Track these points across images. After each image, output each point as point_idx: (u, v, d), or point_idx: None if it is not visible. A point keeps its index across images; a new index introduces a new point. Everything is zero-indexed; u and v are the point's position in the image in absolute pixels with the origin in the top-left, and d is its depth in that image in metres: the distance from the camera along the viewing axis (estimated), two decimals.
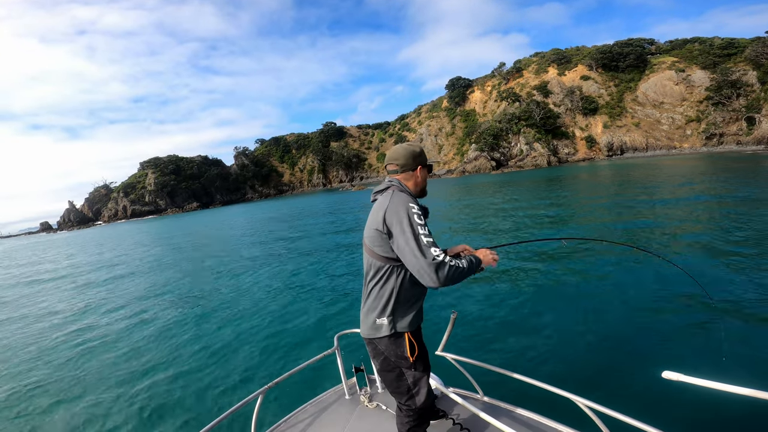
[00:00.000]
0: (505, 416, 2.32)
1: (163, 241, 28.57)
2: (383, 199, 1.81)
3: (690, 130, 55.81)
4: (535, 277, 8.24)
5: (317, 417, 2.59)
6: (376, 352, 1.92)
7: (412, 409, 1.95)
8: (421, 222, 1.69)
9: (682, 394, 3.41)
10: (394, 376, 1.92)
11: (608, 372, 4.45)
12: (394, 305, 1.81)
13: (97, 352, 7.47)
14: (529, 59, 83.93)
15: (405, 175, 1.92)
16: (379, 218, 1.74)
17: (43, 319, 10.47)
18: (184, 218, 60.18)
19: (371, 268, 1.82)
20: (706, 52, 59.91)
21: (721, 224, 10.65)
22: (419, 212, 1.71)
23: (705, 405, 3.42)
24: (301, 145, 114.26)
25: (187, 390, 5.35)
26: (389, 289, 1.79)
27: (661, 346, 4.88)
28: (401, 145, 1.97)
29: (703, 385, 1.28)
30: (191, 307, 9.65)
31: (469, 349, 5.27)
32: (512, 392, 3.08)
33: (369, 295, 1.86)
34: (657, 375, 1.50)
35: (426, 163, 1.97)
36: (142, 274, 15.50)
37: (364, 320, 1.89)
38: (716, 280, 6.77)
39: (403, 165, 1.91)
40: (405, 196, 1.78)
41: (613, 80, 67.21)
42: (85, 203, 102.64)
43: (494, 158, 65.39)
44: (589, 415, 1.90)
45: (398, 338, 1.84)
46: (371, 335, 1.87)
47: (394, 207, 1.71)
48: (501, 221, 15.80)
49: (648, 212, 13.66)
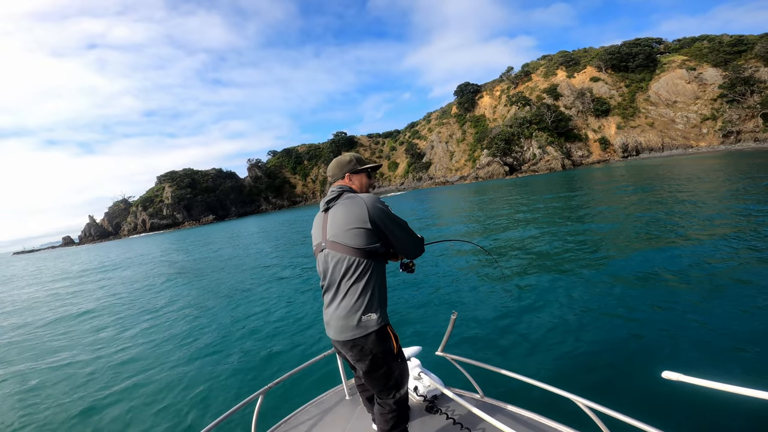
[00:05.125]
0: (505, 416, 2.33)
1: (189, 247, 29.30)
2: (349, 202, 1.91)
3: (706, 129, 55.52)
4: (534, 278, 8.22)
5: (318, 417, 2.59)
6: (362, 353, 1.86)
7: (398, 400, 2.00)
8: (393, 212, 1.97)
9: (682, 394, 3.40)
10: (382, 374, 1.91)
11: (608, 372, 4.45)
12: (379, 299, 1.87)
13: (106, 351, 7.61)
14: (537, 62, 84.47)
15: (340, 182, 2.11)
16: (360, 217, 1.84)
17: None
18: (209, 229, 60.88)
19: (345, 266, 1.83)
20: (716, 50, 59.98)
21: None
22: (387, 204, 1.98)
23: (705, 405, 3.42)
24: (312, 156, 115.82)
25: (187, 390, 5.40)
26: (372, 283, 1.84)
27: (662, 346, 4.86)
28: (336, 158, 2.20)
29: (703, 385, 1.28)
30: (194, 307, 9.95)
31: (469, 350, 5.28)
32: (512, 392, 3.03)
33: (345, 296, 1.83)
34: (657, 375, 1.49)
35: (356, 169, 2.13)
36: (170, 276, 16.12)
37: (344, 322, 1.84)
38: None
39: (333, 175, 2.14)
40: (370, 195, 1.98)
41: (623, 81, 67.35)
42: (105, 217, 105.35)
43: (507, 163, 65.57)
44: (589, 415, 1.89)
45: (384, 333, 1.87)
46: (356, 335, 1.82)
47: (373, 205, 1.87)
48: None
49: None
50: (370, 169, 2.19)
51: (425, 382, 2.56)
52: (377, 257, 1.88)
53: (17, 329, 11.04)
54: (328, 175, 2.17)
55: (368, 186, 2.17)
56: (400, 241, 1.95)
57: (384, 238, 1.90)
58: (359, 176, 2.14)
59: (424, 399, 2.53)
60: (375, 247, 1.85)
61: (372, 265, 1.85)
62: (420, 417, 2.42)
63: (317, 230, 2.01)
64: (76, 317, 11.57)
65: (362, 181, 2.15)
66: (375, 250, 1.86)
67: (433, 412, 2.45)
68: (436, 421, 2.38)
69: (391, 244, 1.95)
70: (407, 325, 6.42)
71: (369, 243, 1.84)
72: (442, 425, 2.33)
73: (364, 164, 2.18)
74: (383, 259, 1.95)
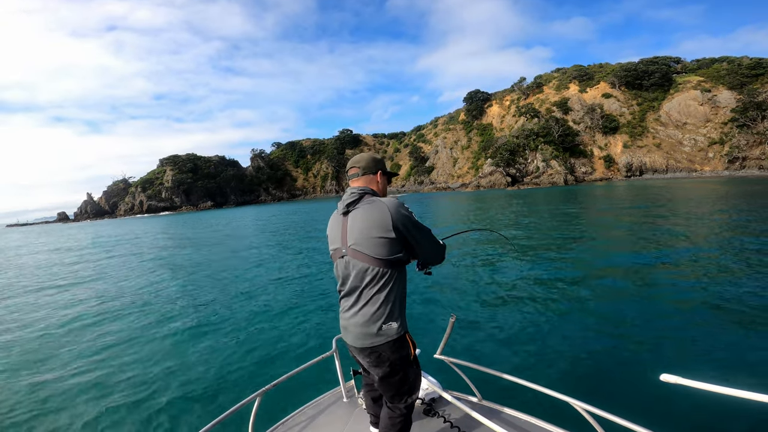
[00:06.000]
0: (503, 419, 2.32)
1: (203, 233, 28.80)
2: (371, 207, 1.81)
3: (712, 153, 54.34)
4: (533, 281, 8.23)
5: (315, 419, 2.57)
6: (379, 360, 1.85)
7: (410, 405, 1.97)
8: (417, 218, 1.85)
9: (681, 396, 3.41)
10: (398, 379, 1.89)
11: (606, 375, 4.48)
12: (399, 308, 1.83)
13: (106, 351, 7.22)
14: (550, 75, 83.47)
15: (366, 178, 1.98)
16: (383, 224, 1.74)
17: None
18: (208, 215, 60.79)
19: (368, 275, 1.78)
20: (734, 72, 58.46)
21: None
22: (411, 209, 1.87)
23: (703, 408, 3.44)
24: (316, 151, 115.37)
25: (185, 392, 5.25)
26: (394, 293, 1.80)
27: (659, 349, 4.90)
28: (364, 153, 2.11)
29: (701, 388, 1.27)
30: (191, 306, 9.49)
31: (467, 353, 5.31)
32: (510, 395, 3.03)
33: (366, 304, 1.80)
34: (655, 378, 1.49)
35: (386, 169, 2.05)
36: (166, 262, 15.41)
37: (364, 330, 1.81)
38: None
39: (365, 168, 1.98)
40: (392, 199, 1.83)
41: (636, 99, 66.14)
42: (103, 196, 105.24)
43: (510, 174, 64.66)
44: (586, 419, 1.89)
45: (402, 340, 1.85)
46: (376, 342, 1.80)
47: (397, 211, 1.76)
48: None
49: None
50: (392, 175, 2.15)
51: (423, 385, 2.53)
52: (400, 265, 1.83)
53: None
54: (356, 167, 2.01)
55: (386, 190, 2.10)
56: (424, 249, 1.88)
57: (407, 246, 1.83)
58: (385, 178, 2.06)
59: (422, 402, 2.51)
60: (398, 256, 1.79)
61: (395, 274, 1.81)
62: (418, 420, 2.39)
63: (335, 234, 1.92)
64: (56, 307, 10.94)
65: (386, 184, 2.07)
66: (398, 260, 1.80)
67: (431, 415, 2.42)
68: (434, 424, 2.36)
69: (414, 252, 1.88)
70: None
71: (393, 253, 1.77)
72: (440, 428, 2.32)
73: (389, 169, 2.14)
74: (405, 266, 1.90)
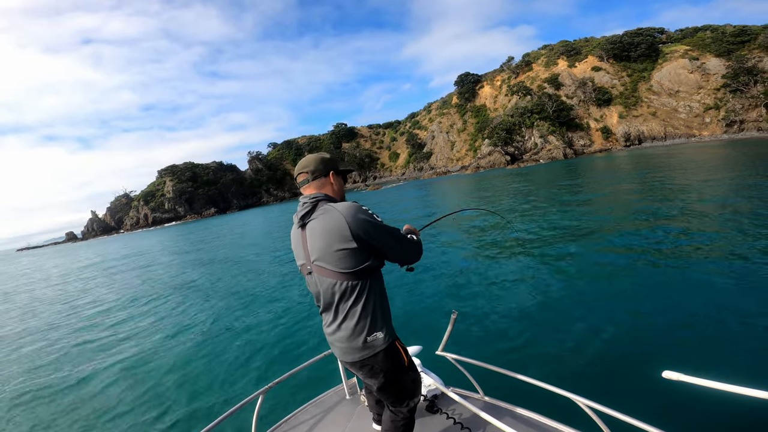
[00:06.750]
0: (506, 416, 2.32)
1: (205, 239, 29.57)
2: (327, 217, 1.67)
3: (709, 118, 55.59)
4: (534, 277, 8.12)
5: (318, 417, 2.58)
6: (372, 372, 1.79)
7: (412, 408, 1.95)
8: (379, 218, 1.72)
9: (683, 393, 3.36)
10: (396, 388, 1.87)
11: (609, 371, 4.45)
12: (381, 316, 1.75)
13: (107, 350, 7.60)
14: (538, 52, 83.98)
15: (318, 183, 1.83)
16: (341, 234, 1.62)
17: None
18: (214, 222, 61.18)
19: (337, 291, 1.68)
20: (719, 40, 59.72)
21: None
22: (371, 210, 1.72)
23: (705, 405, 3.41)
24: (313, 148, 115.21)
25: (186, 391, 5.37)
26: (371, 303, 1.72)
27: (662, 345, 4.86)
28: (310, 154, 1.91)
29: (704, 384, 1.27)
30: (194, 305, 10.04)
31: (469, 349, 5.30)
32: (513, 392, 3.02)
33: (345, 319, 1.71)
34: (657, 374, 1.48)
35: (338, 168, 1.88)
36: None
37: (349, 344, 1.74)
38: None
39: (314, 171, 1.82)
40: (348, 205, 1.69)
41: (625, 70, 67.16)
42: (107, 212, 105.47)
43: (508, 153, 65.68)
44: (589, 415, 1.89)
45: (393, 349, 1.80)
46: (365, 356, 1.74)
47: (354, 218, 1.63)
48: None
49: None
50: (347, 172, 1.95)
51: (426, 381, 2.53)
52: (371, 273, 1.72)
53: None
54: (303, 172, 1.84)
55: (343, 191, 1.92)
56: (393, 251, 1.76)
57: (374, 251, 1.70)
58: (340, 178, 1.90)
59: (425, 399, 2.52)
60: (366, 265, 1.68)
61: (368, 284, 1.70)
62: (420, 417, 2.38)
63: (298, 249, 1.81)
64: (75, 315, 11.33)
65: (341, 185, 1.90)
66: (367, 268, 1.68)
67: (434, 412, 2.44)
68: (436, 421, 2.37)
69: (384, 256, 1.77)
70: (407, 324, 6.45)
71: (359, 263, 1.66)
72: (443, 425, 2.32)
73: (342, 166, 1.93)
74: (379, 270, 1.79)
